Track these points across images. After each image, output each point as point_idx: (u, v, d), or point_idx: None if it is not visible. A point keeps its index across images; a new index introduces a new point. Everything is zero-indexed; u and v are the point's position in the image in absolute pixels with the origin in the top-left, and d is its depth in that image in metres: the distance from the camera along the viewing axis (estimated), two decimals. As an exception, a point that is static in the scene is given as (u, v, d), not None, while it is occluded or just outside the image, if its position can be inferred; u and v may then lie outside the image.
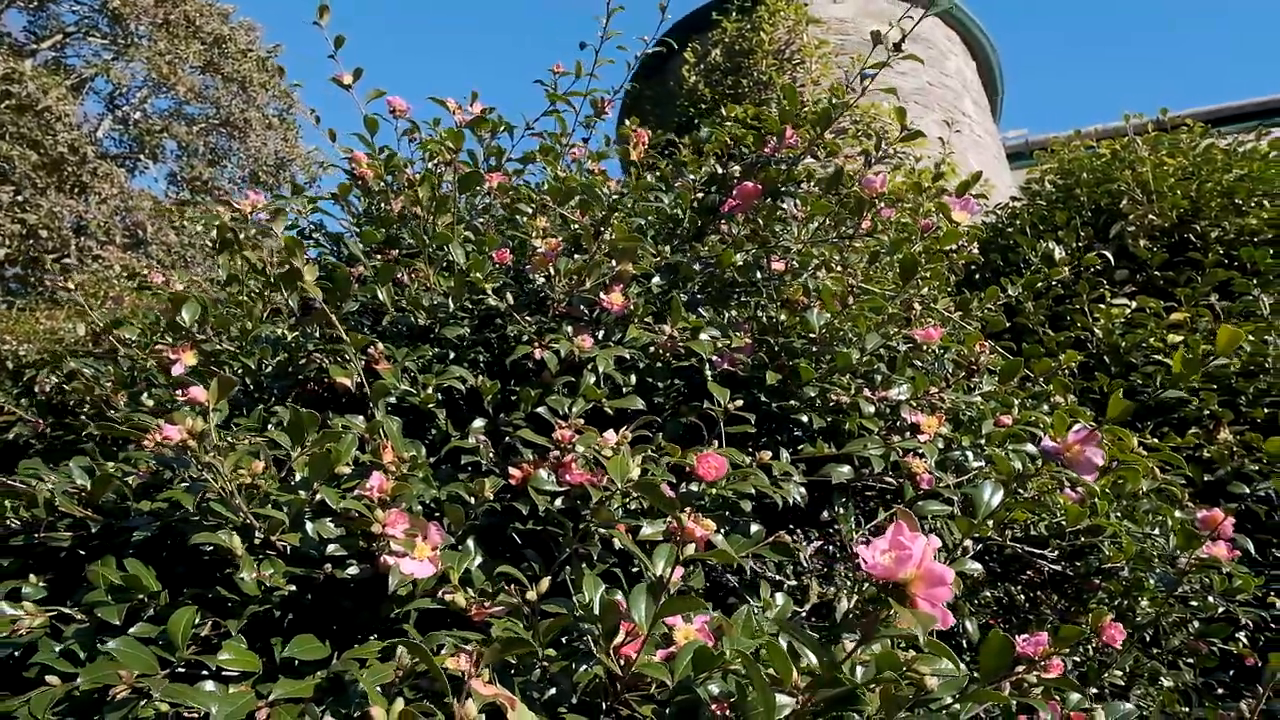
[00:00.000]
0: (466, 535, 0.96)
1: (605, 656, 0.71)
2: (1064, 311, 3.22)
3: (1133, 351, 2.96)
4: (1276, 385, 2.73)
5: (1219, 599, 1.41)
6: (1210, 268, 3.13)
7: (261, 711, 0.77)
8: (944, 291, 2.44)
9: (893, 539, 0.50)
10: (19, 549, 1.00)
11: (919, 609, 0.50)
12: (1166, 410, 2.79)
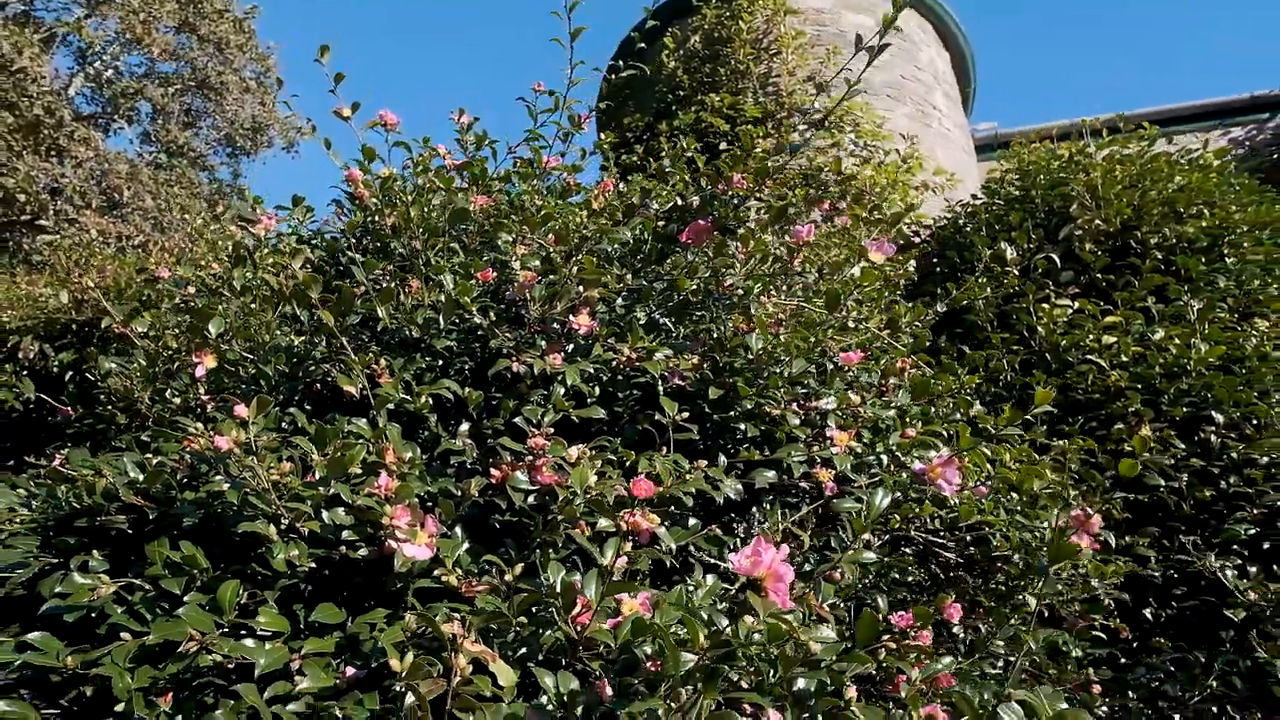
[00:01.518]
0: (455, 524, 1.18)
1: (565, 624, 0.94)
2: (1011, 310, 3.47)
3: (1070, 351, 3.22)
4: (1196, 387, 3.00)
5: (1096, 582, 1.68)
6: (1147, 273, 3.39)
7: (295, 662, 1.00)
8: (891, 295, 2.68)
9: (753, 549, 0.74)
10: (81, 529, 1.22)
11: (767, 598, 0.74)
12: (1096, 406, 3.06)
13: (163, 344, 1.93)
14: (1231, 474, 2.81)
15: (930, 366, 2.13)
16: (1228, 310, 3.37)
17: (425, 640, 0.95)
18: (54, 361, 5.18)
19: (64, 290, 5.31)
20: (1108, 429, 3.03)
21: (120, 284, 5.17)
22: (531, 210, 1.66)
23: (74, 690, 1.05)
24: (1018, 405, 3.29)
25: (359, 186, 1.75)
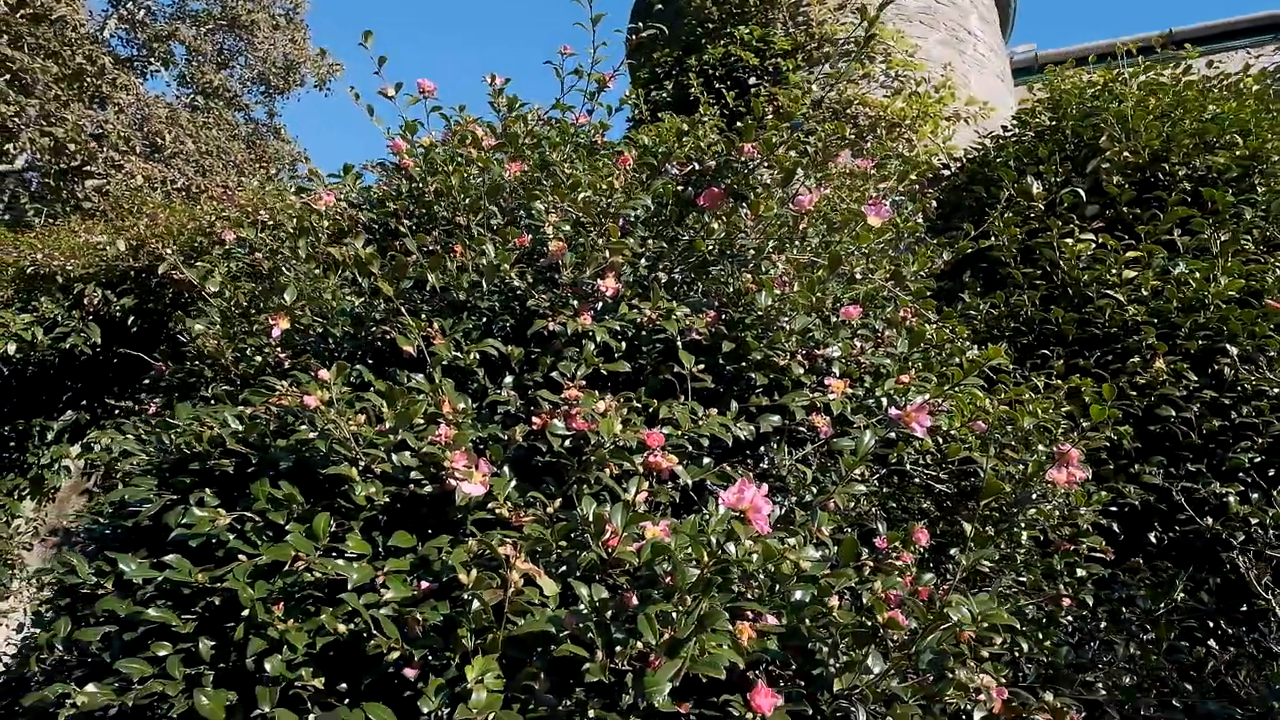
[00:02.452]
0: (503, 465, 1.41)
1: (597, 548, 1.16)
2: (1035, 245, 3.57)
3: (1091, 285, 3.33)
4: (1212, 320, 3.11)
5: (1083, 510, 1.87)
6: (1173, 206, 3.45)
7: (379, 578, 1.24)
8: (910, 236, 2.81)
9: (738, 487, 0.94)
10: (193, 471, 1.47)
11: (749, 525, 0.94)
12: (1113, 340, 3.19)
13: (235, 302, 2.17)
14: (1242, 405, 2.93)
15: (936, 312, 2.29)
16: (1253, 242, 3.43)
17: (484, 560, 1.18)
18: (116, 308, 5.53)
19: (120, 239, 5.62)
20: (1123, 362, 3.16)
21: (173, 232, 5.46)
22: (561, 177, 1.84)
23: (202, 601, 1.32)
24: (1037, 340, 3.43)
25: (404, 157, 1.94)
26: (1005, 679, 1.40)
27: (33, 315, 5.20)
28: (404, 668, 1.11)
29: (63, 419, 5.49)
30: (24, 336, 5.10)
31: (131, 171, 7.62)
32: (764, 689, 0.98)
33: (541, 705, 1.05)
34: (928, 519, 1.91)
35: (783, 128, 1.64)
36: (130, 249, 5.53)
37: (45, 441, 5.44)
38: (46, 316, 5.23)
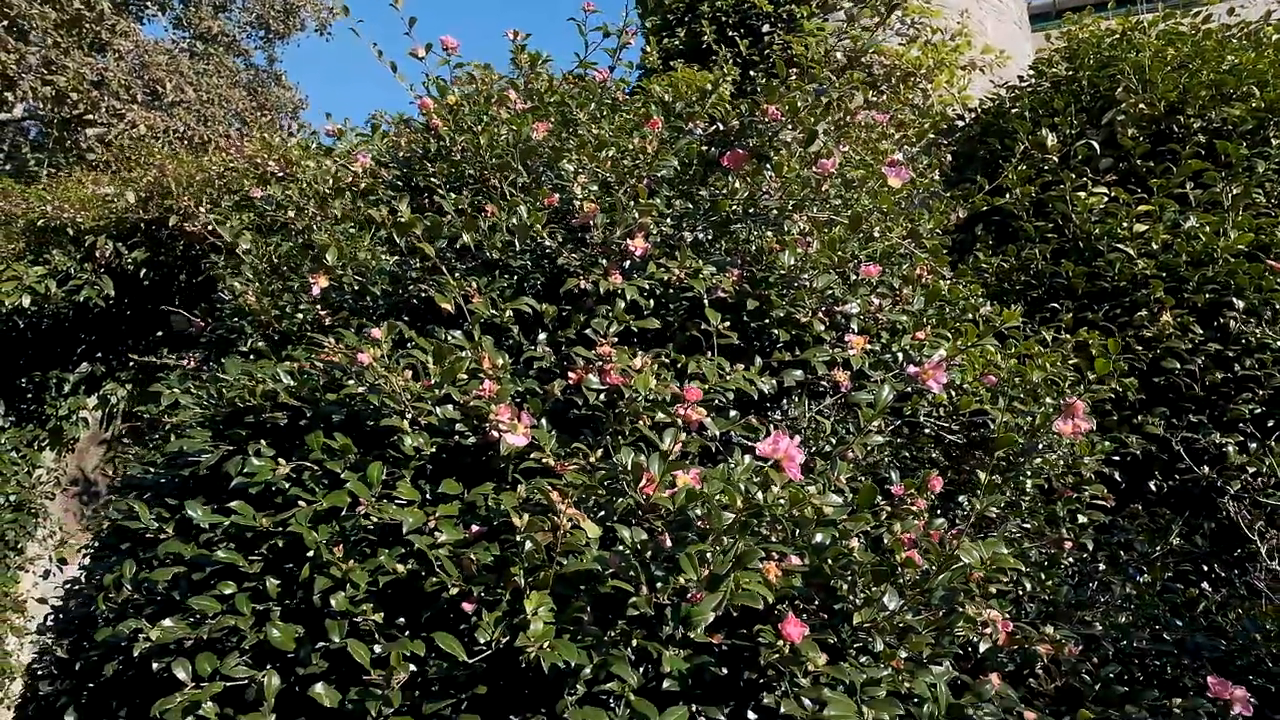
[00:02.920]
0: (541, 417, 1.51)
1: (634, 494, 1.27)
2: (1048, 199, 3.62)
3: (1102, 239, 3.40)
4: (1220, 274, 3.18)
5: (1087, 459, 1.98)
6: (1186, 159, 3.50)
7: (431, 522, 1.35)
8: (925, 190, 2.88)
9: (774, 438, 1.04)
10: (248, 423, 1.57)
11: (783, 472, 1.05)
12: (1121, 294, 3.27)
13: (266, 259, 2.26)
14: (1245, 358, 3.03)
15: (950, 268, 2.37)
16: (1265, 196, 3.48)
17: (531, 505, 1.29)
18: (127, 260, 5.60)
19: (130, 190, 5.67)
20: (1131, 316, 3.25)
21: (182, 183, 5.50)
22: (589, 138, 1.90)
23: (265, 544, 1.43)
24: (1047, 294, 3.51)
25: (433, 117, 2.00)
26: (1009, 615, 1.52)
27: (45, 268, 5.28)
28: (462, 602, 1.23)
29: (78, 371, 5.60)
30: (38, 289, 5.19)
31: (133, 121, 7.61)
32: (793, 619, 1.10)
33: (588, 636, 1.17)
34: (938, 468, 2.02)
35: (807, 88, 1.70)
36: (140, 201, 5.58)
37: (62, 393, 5.57)
38: (59, 269, 5.30)
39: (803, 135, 1.77)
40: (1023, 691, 1.43)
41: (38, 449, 5.48)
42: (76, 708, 1.64)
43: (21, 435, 5.41)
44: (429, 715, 1.16)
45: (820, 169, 1.65)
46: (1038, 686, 1.44)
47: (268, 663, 1.32)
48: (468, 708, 1.17)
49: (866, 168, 1.84)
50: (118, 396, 5.69)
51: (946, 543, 1.19)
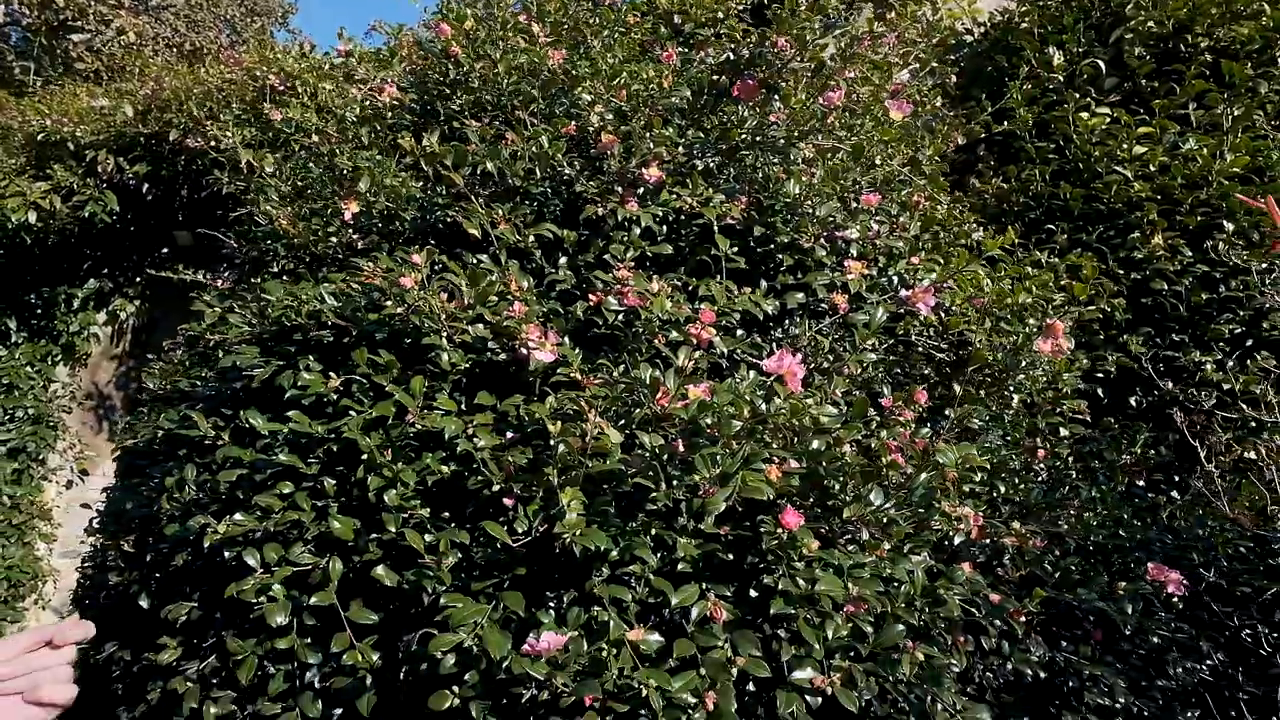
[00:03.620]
0: (565, 335, 1.68)
1: (651, 405, 1.45)
2: (1051, 119, 3.71)
3: (1101, 161, 3.51)
4: (1214, 196, 3.31)
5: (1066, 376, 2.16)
6: (1190, 79, 3.57)
7: (469, 429, 1.54)
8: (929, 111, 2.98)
9: (779, 356, 1.22)
10: (295, 341, 1.75)
11: (787, 386, 1.23)
12: (1117, 216, 3.41)
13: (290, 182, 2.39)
14: (1231, 279, 3.19)
15: (949, 192, 2.50)
16: (1266, 117, 3.57)
17: (561, 414, 1.48)
18: (129, 175, 5.67)
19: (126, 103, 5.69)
20: (1124, 238, 3.39)
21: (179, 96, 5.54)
22: (604, 67, 2.02)
23: (319, 449, 1.63)
24: (1045, 215, 3.64)
25: (451, 44, 2.10)
26: (984, 513, 1.73)
27: (49, 184, 5.35)
28: (503, 498, 1.43)
29: (86, 287, 5.75)
30: (43, 205, 5.28)
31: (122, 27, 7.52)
32: (791, 511, 1.29)
33: (613, 526, 1.37)
34: (928, 383, 2.21)
35: (814, 20, 1.81)
36: (138, 115, 5.61)
37: (71, 309, 5.72)
38: (62, 185, 5.38)
39: (811, 65, 1.89)
40: (991, 579, 1.65)
41: (51, 364, 5.68)
42: (148, 593, 1.86)
43: (35, 350, 5.59)
44: (476, 592, 1.37)
45: (827, 101, 1.77)
46: (1005, 574, 1.66)
47: (329, 552, 1.53)
48: (509, 586, 1.38)
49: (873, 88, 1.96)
50: (126, 312, 5.86)
51: (929, 449, 1.38)
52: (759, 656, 1.26)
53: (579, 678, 1.22)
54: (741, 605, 1.35)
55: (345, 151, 2.16)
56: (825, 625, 1.30)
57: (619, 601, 1.33)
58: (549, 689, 1.22)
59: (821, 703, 1.31)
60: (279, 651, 1.53)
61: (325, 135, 2.26)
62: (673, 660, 1.27)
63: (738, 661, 1.25)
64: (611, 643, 1.25)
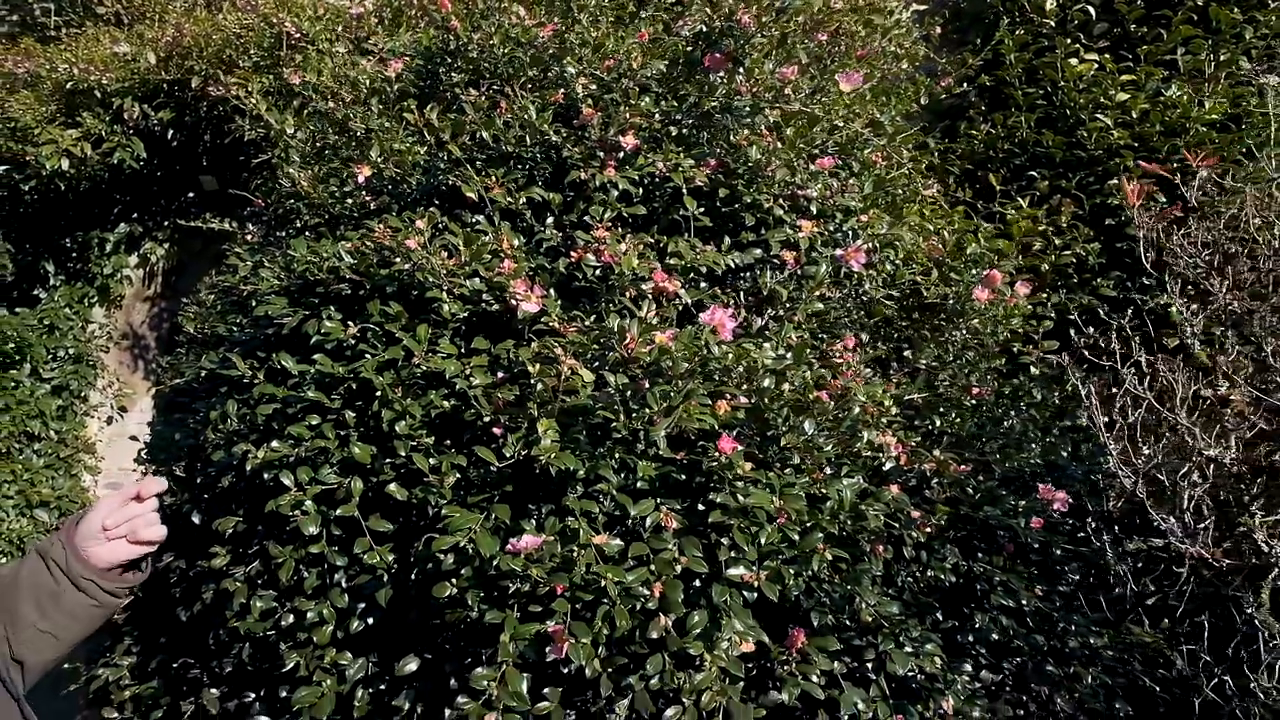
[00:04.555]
0: (549, 288, 1.96)
1: (620, 349, 1.73)
2: (1040, 65, 3.86)
3: (1085, 108, 3.67)
4: (1191, 144, 3.48)
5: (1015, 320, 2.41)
6: (1177, 25, 3.70)
7: (466, 369, 1.84)
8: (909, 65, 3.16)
9: (711, 311, 1.49)
10: (318, 293, 2.04)
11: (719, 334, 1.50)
12: (1096, 163, 3.60)
13: (310, 145, 2.66)
14: (1204, 223, 3.38)
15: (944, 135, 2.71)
16: (1251, 62, 3.70)
17: (543, 357, 1.76)
18: (154, 121, 5.95)
19: (149, 50, 5.94)
20: (1103, 184, 3.58)
21: (200, 44, 5.77)
22: (588, 38, 2.25)
23: (340, 387, 1.93)
24: (1030, 161, 3.83)
25: (452, 19, 2.34)
26: (917, 443, 2.02)
27: (79, 131, 5.64)
28: (493, 427, 1.73)
29: (117, 231, 6.08)
30: (74, 152, 5.57)
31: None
32: (727, 438, 1.59)
33: (584, 451, 1.67)
34: (887, 327, 2.47)
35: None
36: (160, 62, 5.85)
37: (105, 252, 6.07)
38: (91, 132, 5.66)
39: (777, 35, 2.12)
40: (918, 500, 1.94)
41: (88, 305, 6.06)
42: (199, 510, 2.20)
43: (73, 293, 5.97)
44: (471, 505, 1.69)
45: (781, 77, 2.00)
46: (931, 496, 1.95)
47: (351, 473, 1.85)
48: (498, 500, 1.70)
49: (828, 76, 2.18)
50: (156, 255, 6.20)
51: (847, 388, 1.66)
52: (699, 557, 1.57)
53: (553, 572, 1.53)
54: (691, 517, 1.66)
55: (358, 116, 2.42)
56: (759, 534, 1.61)
57: (588, 513, 1.64)
58: (529, 581, 1.54)
59: (756, 598, 1.62)
60: (312, 556, 1.86)
61: (340, 100, 2.52)
62: (630, 560, 1.58)
63: (682, 560, 1.56)
64: (580, 545, 1.56)
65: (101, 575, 1.21)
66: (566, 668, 1.58)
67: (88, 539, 1.21)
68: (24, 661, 1.17)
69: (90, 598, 1.20)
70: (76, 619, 1.21)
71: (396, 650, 1.81)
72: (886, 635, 1.66)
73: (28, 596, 1.18)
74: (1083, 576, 1.89)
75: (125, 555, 1.24)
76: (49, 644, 1.19)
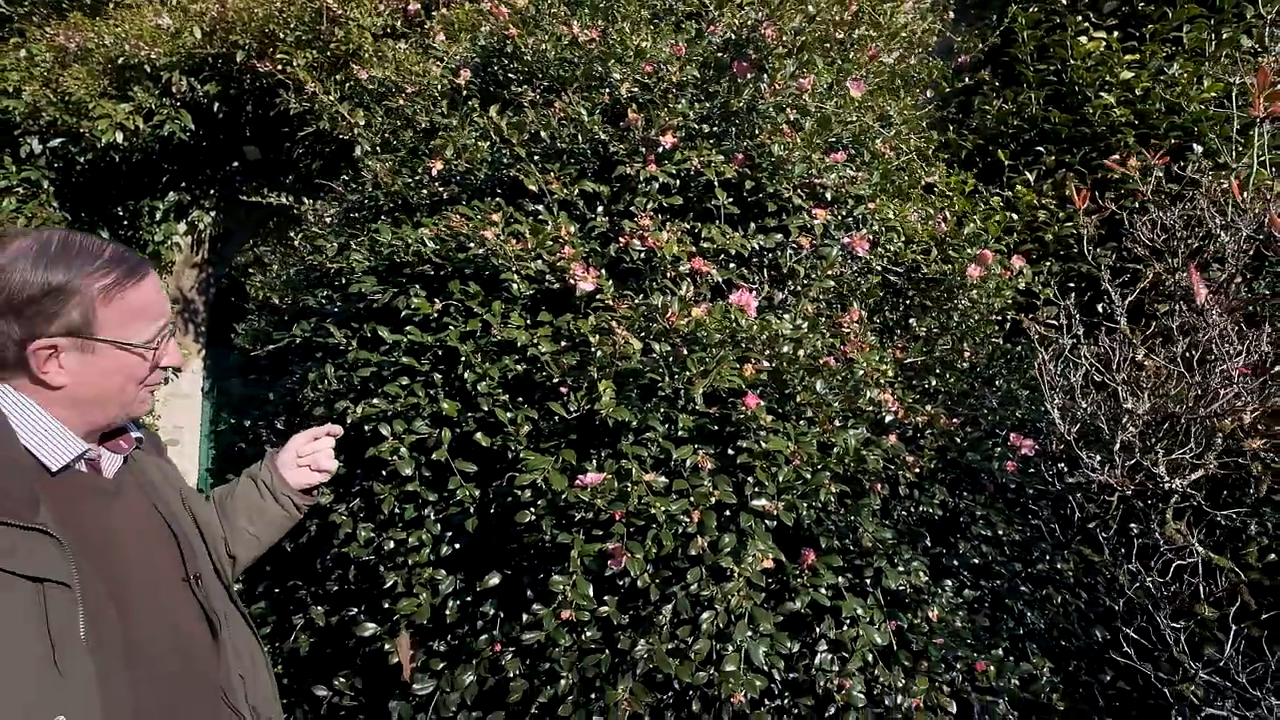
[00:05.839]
0: (601, 269, 2.39)
1: (662, 322, 2.16)
2: (1050, 43, 4.20)
3: (1091, 86, 4.01)
4: (1188, 121, 3.82)
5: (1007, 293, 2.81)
6: (1182, 4, 4.01)
7: (535, 339, 2.27)
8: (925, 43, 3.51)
9: (740, 293, 1.90)
10: (404, 273, 2.48)
11: (745, 311, 1.92)
12: (1099, 139, 3.95)
13: (380, 137, 3.08)
14: (1198, 197, 3.73)
15: (961, 110, 3.09)
16: (1254, 40, 4.01)
17: (599, 329, 2.19)
18: (200, 94, 6.39)
19: (195, 25, 6.35)
20: (1105, 159, 3.93)
21: (244, 19, 6.18)
22: (630, 44, 2.64)
23: (428, 354, 2.38)
24: (1039, 136, 4.18)
25: (509, 27, 2.74)
26: (914, 400, 2.44)
27: (131, 105, 6.07)
28: (560, 387, 2.17)
29: (167, 200, 6.54)
30: (127, 126, 6.02)
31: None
32: (751, 395, 2.02)
33: (635, 406, 2.10)
34: (895, 299, 2.88)
35: (795, 15, 2.41)
36: (205, 36, 6.27)
37: (155, 220, 6.55)
38: (143, 106, 6.10)
39: (797, 42, 2.50)
40: (913, 448, 2.37)
41: (141, 271, 6.54)
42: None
43: (127, 259, 6.45)
44: (543, 450, 2.13)
45: (799, 87, 2.40)
46: (925, 444, 2.37)
47: (440, 425, 2.30)
48: (565, 446, 2.14)
49: (839, 83, 2.56)
50: (204, 223, 6.67)
51: (849, 354, 2.08)
52: (729, 491, 2.01)
53: (611, 503, 1.98)
54: (722, 459, 2.10)
55: (425, 112, 2.84)
56: (778, 473, 2.04)
57: (639, 456, 2.08)
58: (592, 509, 1.99)
59: (775, 525, 2.06)
60: (407, 493, 2.33)
61: (408, 97, 2.93)
62: (673, 493, 2.03)
63: (715, 494, 2.00)
64: (633, 482, 2.01)
65: (295, 494, 1.69)
66: (622, 580, 2.04)
67: (285, 466, 1.69)
68: (236, 557, 1.66)
69: (284, 510, 1.68)
70: (273, 526, 1.69)
71: (480, 569, 2.28)
72: (881, 555, 2.10)
73: (242, 508, 1.66)
74: (1053, 511, 2.31)
75: (309, 481, 1.71)
76: (254, 544, 1.67)
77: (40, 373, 1.35)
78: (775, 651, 2.01)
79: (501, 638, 2.21)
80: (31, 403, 1.36)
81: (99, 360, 1.38)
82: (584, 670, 2.08)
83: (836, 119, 2.54)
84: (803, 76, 2.42)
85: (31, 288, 1.32)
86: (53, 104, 5.91)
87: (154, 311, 1.46)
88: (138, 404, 1.51)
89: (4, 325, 1.32)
